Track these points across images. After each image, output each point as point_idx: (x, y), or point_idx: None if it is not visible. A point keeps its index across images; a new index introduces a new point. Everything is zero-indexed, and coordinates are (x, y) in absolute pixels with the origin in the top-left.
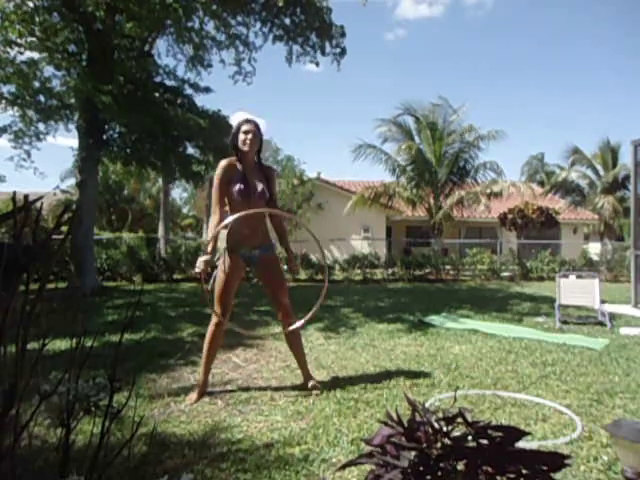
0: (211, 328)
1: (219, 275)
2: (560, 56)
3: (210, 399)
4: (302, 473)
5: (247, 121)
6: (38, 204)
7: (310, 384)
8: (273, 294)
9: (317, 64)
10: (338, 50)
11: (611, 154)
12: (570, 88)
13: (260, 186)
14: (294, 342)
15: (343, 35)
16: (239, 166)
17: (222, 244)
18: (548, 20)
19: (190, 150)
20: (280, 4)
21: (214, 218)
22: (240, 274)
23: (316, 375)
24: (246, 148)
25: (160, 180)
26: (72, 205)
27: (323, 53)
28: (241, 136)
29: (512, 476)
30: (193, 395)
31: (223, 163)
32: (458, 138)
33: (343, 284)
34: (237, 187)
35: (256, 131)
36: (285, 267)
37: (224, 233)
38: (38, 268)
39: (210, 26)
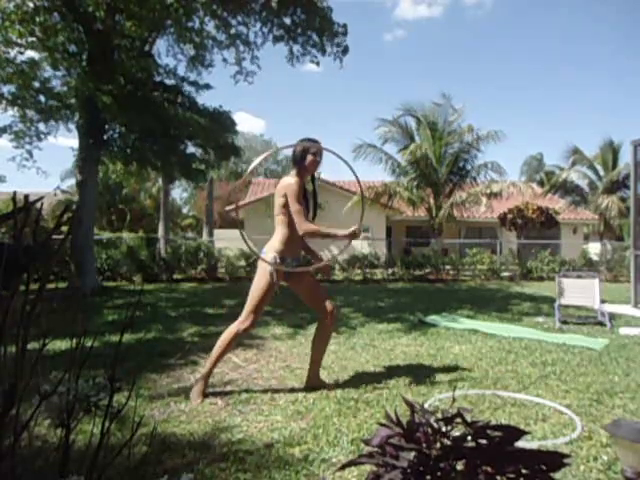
0: (235, 333)
1: (264, 281)
2: (560, 56)
3: (210, 399)
4: (302, 473)
5: (316, 142)
6: (38, 204)
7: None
8: (316, 299)
9: (317, 64)
10: (340, 48)
11: (612, 154)
12: (570, 88)
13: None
14: (326, 340)
15: (345, 33)
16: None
17: (271, 252)
18: (548, 20)
19: (191, 149)
20: (273, 4)
21: (307, 223)
22: (279, 284)
23: None
24: (314, 170)
25: (160, 180)
26: (72, 205)
27: (324, 52)
28: (310, 157)
29: (511, 476)
30: (196, 397)
31: (298, 180)
32: (458, 138)
33: (343, 284)
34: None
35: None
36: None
37: (275, 239)
38: (38, 268)
39: (210, 26)
